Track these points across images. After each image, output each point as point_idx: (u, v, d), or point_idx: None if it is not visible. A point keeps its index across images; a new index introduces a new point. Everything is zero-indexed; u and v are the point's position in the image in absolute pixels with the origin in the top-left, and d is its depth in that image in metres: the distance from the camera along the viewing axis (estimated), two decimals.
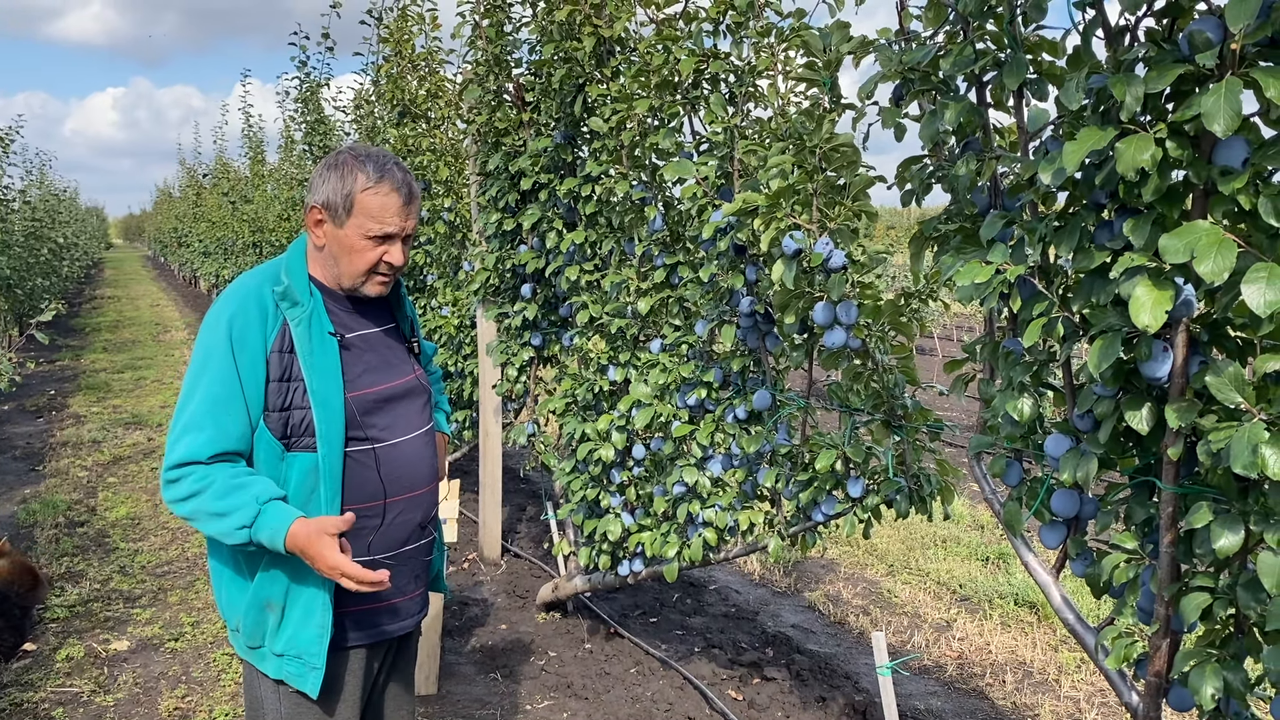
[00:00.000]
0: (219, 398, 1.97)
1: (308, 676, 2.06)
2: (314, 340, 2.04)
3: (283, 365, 2.01)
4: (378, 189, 2.03)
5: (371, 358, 2.15)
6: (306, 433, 2.02)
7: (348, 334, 2.11)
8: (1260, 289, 1.41)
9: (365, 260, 2.07)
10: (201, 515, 1.95)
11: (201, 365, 2.00)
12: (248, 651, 2.13)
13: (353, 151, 2.08)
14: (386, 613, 2.19)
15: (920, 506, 2.74)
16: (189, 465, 1.96)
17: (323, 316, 2.07)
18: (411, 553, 2.22)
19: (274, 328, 2.02)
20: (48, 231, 17.11)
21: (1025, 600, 5.00)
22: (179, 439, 1.98)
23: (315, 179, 2.09)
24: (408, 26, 6.15)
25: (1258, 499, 1.58)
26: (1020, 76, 1.90)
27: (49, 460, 7.95)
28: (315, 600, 2.05)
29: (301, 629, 2.05)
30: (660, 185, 3.35)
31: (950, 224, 2.15)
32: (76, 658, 4.29)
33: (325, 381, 2.03)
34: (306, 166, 9.74)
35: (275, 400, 2.01)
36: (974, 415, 8.70)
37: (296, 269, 2.10)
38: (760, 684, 4.06)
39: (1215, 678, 1.66)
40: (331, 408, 2.03)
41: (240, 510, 1.92)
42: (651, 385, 3.37)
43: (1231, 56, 1.49)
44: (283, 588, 2.05)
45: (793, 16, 2.75)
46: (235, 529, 1.92)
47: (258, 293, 2.04)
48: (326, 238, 2.09)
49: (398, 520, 2.16)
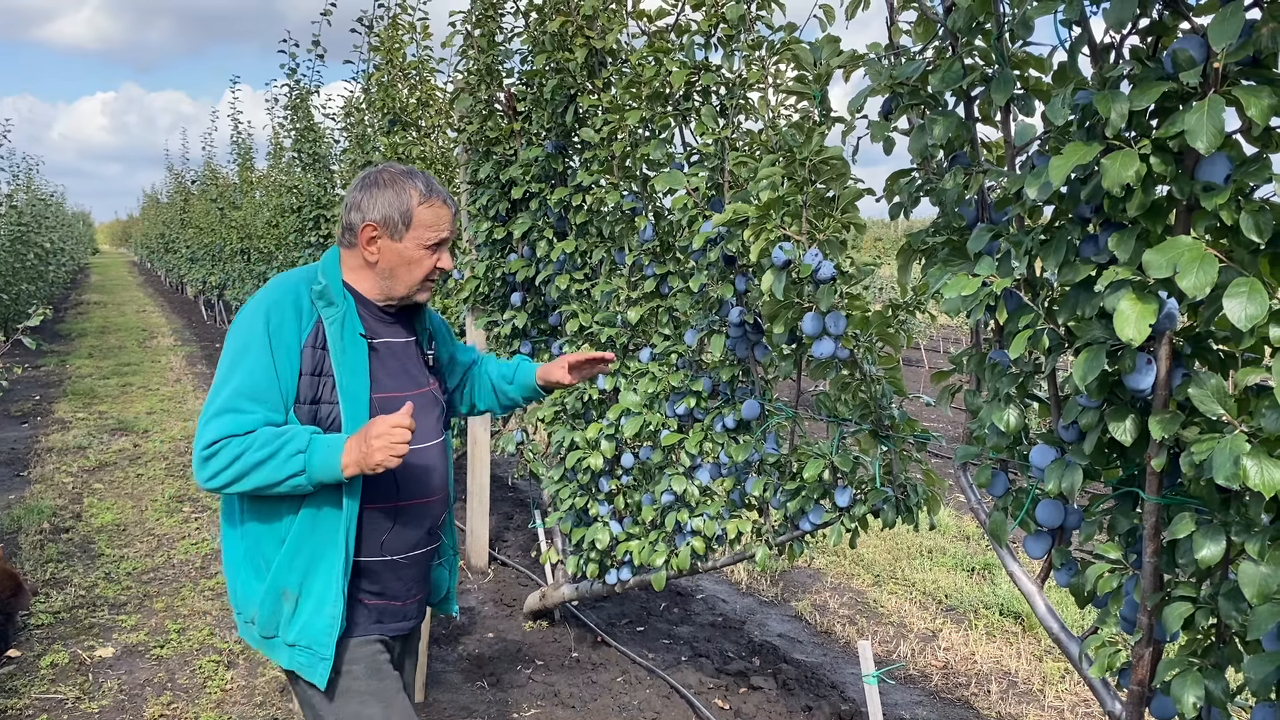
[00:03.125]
0: (256, 384, 2.04)
1: (316, 667, 2.12)
2: (346, 340, 2.13)
3: (315, 360, 2.10)
4: (431, 202, 2.17)
5: (394, 365, 2.25)
6: (333, 426, 2.11)
7: (375, 339, 2.22)
8: (1241, 303, 1.44)
9: (423, 269, 2.20)
10: (250, 468, 1.98)
11: (238, 353, 2.07)
12: (261, 642, 2.19)
13: (391, 170, 2.19)
14: (392, 611, 2.27)
15: (907, 516, 2.76)
16: (225, 438, 2.00)
17: (355, 319, 2.17)
18: (419, 556, 2.30)
19: (309, 323, 2.11)
20: (34, 236, 17.00)
21: (1010, 610, 5.02)
22: (213, 419, 2.02)
23: (361, 199, 2.18)
24: (398, 35, 6.16)
25: (1239, 510, 1.61)
26: (1008, 92, 1.92)
27: (34, 466, 7.90)
28: (328, 591, 2.11)
29: (314, 619, 2.11)
30: (651, 195, 3.37)
31: (938, 237, 2.18)
32: (61, 664, 4.27)
33: (354, 379, 2.12)
34: (295, 173, 9.72)
35: (306, 393, 2.09)
36: (960, 426, 8.74)
37: (333, 274, 2.20)
38: (747, 693, 4.07)
39: (1197, 686, 1.68)
40: (358, 404, 2.12)
41: (292, 440, 1.99)
42: (641, 394, 3.38)
43: (1214, 75, 1.52)
44: (299, 577, 2.12)
45: (784, 30, 2.77)
46: (290, 455, 1.97)
47: (294, 289, 2.14)
48: (381, 253, 2.19)
49: (410, 524, 2.24)
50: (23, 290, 15.54)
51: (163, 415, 10.16)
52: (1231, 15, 1.44)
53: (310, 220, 9.01)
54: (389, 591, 2.24)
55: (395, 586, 2.25)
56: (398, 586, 2.26)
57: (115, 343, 16.79)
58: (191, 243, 19.01)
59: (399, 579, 2.25)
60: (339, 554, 2.11)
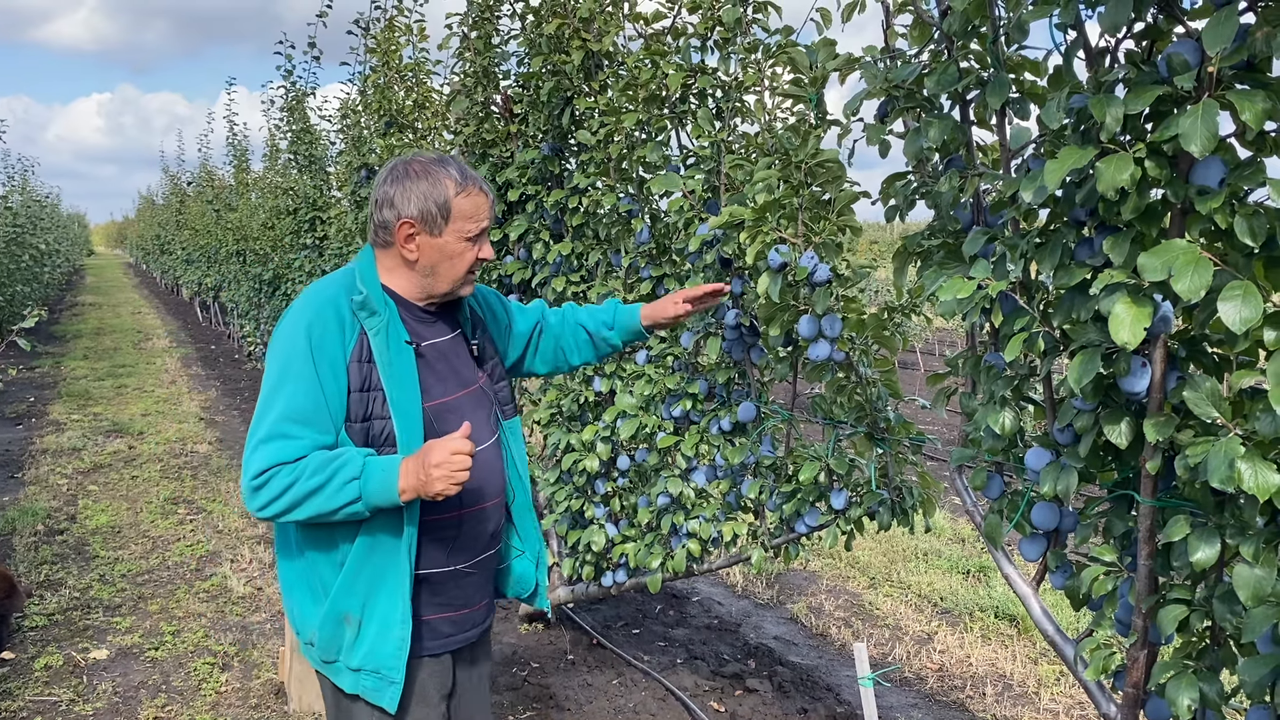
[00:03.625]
0: (302, 407, 1.93)
1: (385, 691, 2.03)
2: (392, 350, 2.02)
3: (362, 375, 1.99)
4: (468, 190, 2.04)
5: (442, 367, 2.14)
6: (387, 443, 1.99)
7: (422, 343, 2.10)
8: (1236, 306, 1.44)
9: (465, 262, 2.08)
10: (302, 498, 1.89)
11: (281, 374, 1.95)
12: (322, 665, 2.10)
13: (421, 160, 2.06)
14: (456, 622, 2.17)
15: (902, 519, 2.76)
16: (274, 467, 1.90)
17: (399, 326, 2.05)
18: (485, 561, 2.21)
19: (352, 336, 1.99)
20: (29, 238, 16.97)
21: (1005, 613, 5.03)
22: (260, 446, 1.92)
23: (394, 194, 2.03)
24: (395, 37, 6.15)
25: (1234, 513, 1.61)
26: (1003, 95, 1.92)
27: (28, 468, 7.88)
28: (393, 613, 2.01)
29: (380, 642, 2.02)
30: (647, 198, 3.37)
31: (933, 240, 2.18)
32: (55, 666, 4.26)
33: (404, 391, 2.01)
34: (291, 175, 9.71)
35: (357, 410, 1.98)
36: (955, 429, 8.75)
37: (370, 279, 2.07)
38: (742, 695, 4.07)
39: (1192, 689, 1.68)
40: (411, 417, 2.01)
41: (345, 466, 1.89)
42: (637, 396, 3.38)
43: (1209, 79, 1.52)
44: (360, 600, 2.01)
45: (780, 33, 2.77)
46: (344, 484, 1.88)
47: (334, 301, 2.01)
48: (421, 250, 2.05)
49: (474, 531, 2.15)
50: (17, 292, 15.51)
51: (158, 417, 10.14)
52: (1226, 19, 1.44)
53: (306, 222, 9.00)
54: (455, 601, 2.15)
55: (460, 595, 2.16)
56: (463, 595, 2.16)
57: (110, 344, 16.76)
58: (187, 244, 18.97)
59: (464, 587, 2.16)
60: (402, 574, 2.01)
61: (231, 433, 9.45)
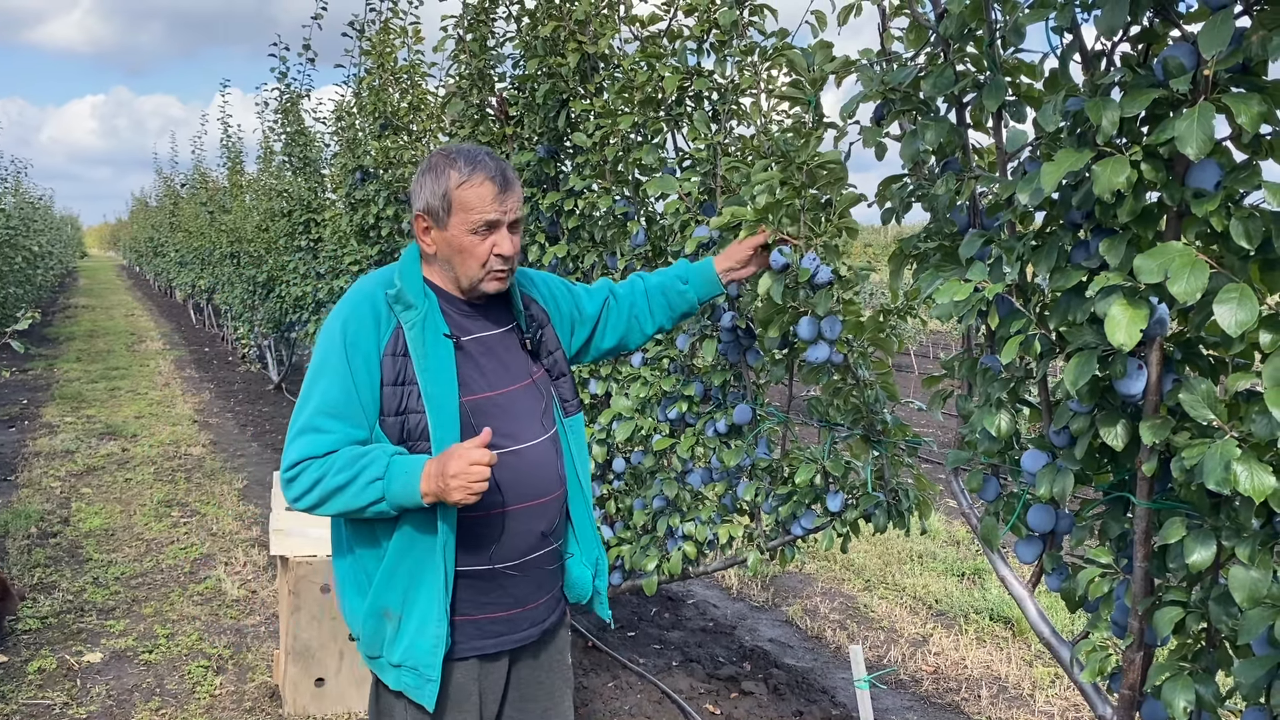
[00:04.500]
0: (335, 401, 1.97)
1: (424, 689, 2.02)
2: (428, 344, 2.01)
3: (396, 369, 2.00)
4: (470, 180, 2.00)
5: (487, 362, 2.10)
6: (422, 437, 1.99)
7: (464, 337, 2.08)
8: (1232, 309, 1.45)
9: (477, 256, 2.03)
10: (329, 494, 1.93)
11: (318, 370, 2.00)
12: (369, 660, 2.11)
13: (444, 152, 2.06)
14: (504, 622, 2.13)
15: (898, 521, 2.76)
16: (305, 461, 1.95)
17: (438, 319, 2.05)
18: (535, 561, 2.15)
19: (387, 330, 2.01)
20: (22, 240, 16.94)
21: (1001, 615, 5.03)
22: (295, 439, 1.98)
23: (413, 189, 2.07)
24: (390, 39, 6.14)
25: (1229, 515, 1.61)
26: (999, 98, 1.93)
27: (21, 470, 7.86)
28: (430, 610, 2.01)
29: (418, 639, 2.02)
30: (643, 200, 3.37)
31: (929, 242, 2.18)
32: (49, 669, 4.25)
33: (440, 385, 2.00)
34: (285, 177, 9.69)
35: (390, 404, 1.99)
36: (951, 431, 8.76)
37: (410, 273, 2.08)
38: (738, 698, 4.06)
39: (1188, 691, 1.69)
40: (446, 411, 2.00)
41: (370, 465, 1.91)
42: (632, 399, 3.38)
43: (1204, 82, 1.53)
44: (399, 595, 2.02)
45: (775, 36, 2.78)
46: (368, 483, 1.90)
47: (371, 296, 2.04)
48: (435, 243, 2.06)
49: (519, 530, 2.10)
50: (10, 294, 15.47)
51: (151, 419, 10.12)
52: (1222, 23, 1.45)
53: (300, 224, 8.99)
54: (499, 603, 2.10)
55: (510, 594, 2.11)
56: (514, 594, 2.12)
57: (104, 346, 16.72)
58: (181, 246, 18.92)
59: (509, 588, 2.11)
60: (438, 571, 2.00)
61: (225, 435, 9.43)
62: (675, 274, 2.48)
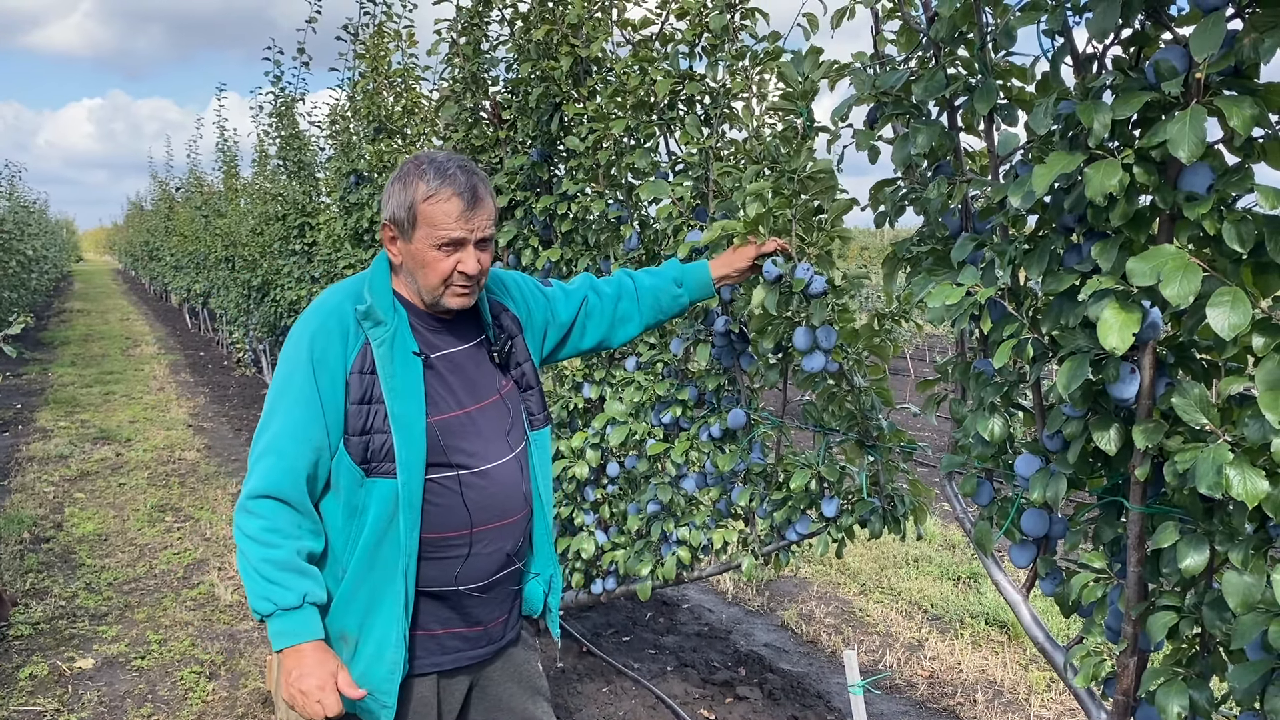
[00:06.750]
0: (299, 422, 1.91)
1: (380, 715, 1.99)
2: (396, 362, 1.95)
3: (363, 387, 1.93)
4: (437, 195, 1.92)
5: (455, 379, 2.05)
6: (386, 458, 1.93)
7: (433, 354, 2.02)
8: (1225, 312, 1.44)
9: (438, 272, 1.96)
10: (251, 559, 1.89)
11: (284, 384, 1.94)
12: None
13: (415, 160, 1.98)
14: (462, 639, 2.09)
15: (893, 526, 2.75)
16: (267, 499, 1.90)
17: (407, 336, 1.98)
18: (500, 581, 2.11)
19: (355, 347, 1.94)
20: (16, 244, 16.92)
21: (996, 620, 5.03)
22: (259, 459, 1.92)
23: (384, 194, 2.01)
24: (384, 43, 6.14)
25: (1222, 519, 1.61)
26: (991, 102, 1.92)
27: (14, 475, 7.83)
28: (389, 634, 1.96)
29: (374, 665, 1.97)
30: (636, 204, 3.37)
31: (922, 246, 2.18)
32: (40, 676, 4.23)
33: (407, 405, 1.94)
34: (280, 181, 9.69)
35: (355, 424, 1.93)
36: (946, 435, 8.76)
37: (380, 286, 2.01)
38: (733, 703, 4.05)
39: (1182, 696, 1.68)
40: (413, 432, 1.94)
41: (288, 591, 1.87)
42: (626, 403, 3.37)
43: (1196, 85, 1.52)
44: (357, 619, 1.98)
45: (767, 39, 2.77)
46: (268, 594, 1.87)
47: (339, 310, 1.97)
48: (401, 254, 2.00)
49: (486, 551, 2.05)
50: (4, 298, 15.45)
51: (145, 424, 10.09)
52: (1213, 26, 1.44)
53: (295, 228, 8.97)
54: (459, 621, 2.07)
55: (471, 613, 2.08)
56: (475, 612, 2.09)
57: (98, 351, 16.68)
58: (176, 250, 18.91)
59: (475, 606, 2.08)
60: (398, 595, 1.95)
61: (220, 440, 9.41)
62: (670, 277, 2.44)
